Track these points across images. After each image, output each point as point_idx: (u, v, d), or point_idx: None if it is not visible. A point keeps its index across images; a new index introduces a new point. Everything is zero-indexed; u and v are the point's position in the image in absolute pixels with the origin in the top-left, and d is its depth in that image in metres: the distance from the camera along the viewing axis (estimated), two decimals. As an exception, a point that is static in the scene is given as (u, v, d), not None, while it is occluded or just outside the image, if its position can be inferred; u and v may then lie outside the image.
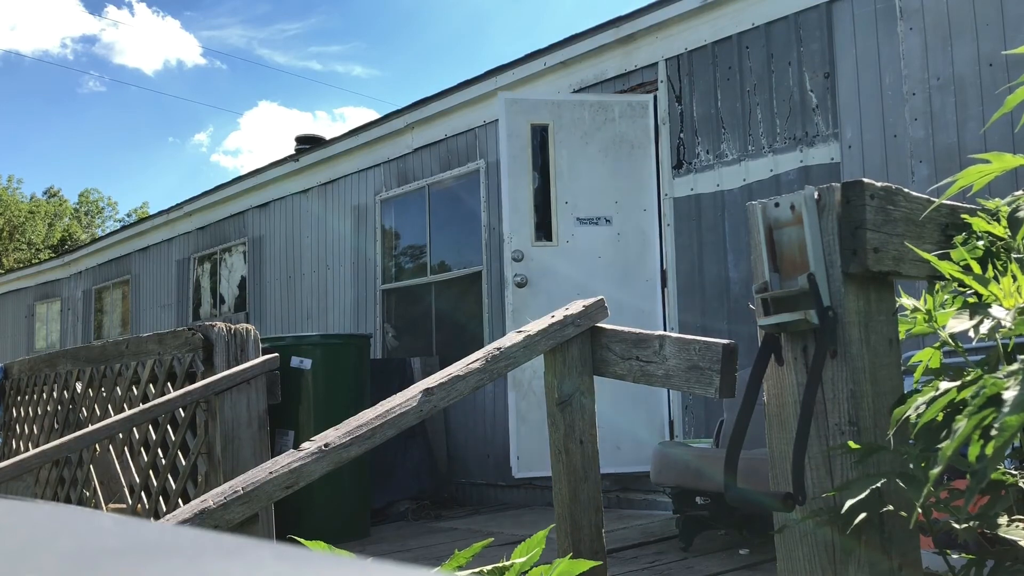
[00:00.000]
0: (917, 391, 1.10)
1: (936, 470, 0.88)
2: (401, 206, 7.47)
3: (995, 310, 1.07)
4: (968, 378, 1.01)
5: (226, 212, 9.48)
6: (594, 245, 5.43)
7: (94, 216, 38.83)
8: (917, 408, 1.07)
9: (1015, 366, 0.88)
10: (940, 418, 1.08)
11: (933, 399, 1.04)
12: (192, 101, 67.53)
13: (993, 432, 0.82)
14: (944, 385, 1.04)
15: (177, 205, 10.19)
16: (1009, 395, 0.83)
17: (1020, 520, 1.16)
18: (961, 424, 0.88)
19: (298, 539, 0.66)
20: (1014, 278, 1.10)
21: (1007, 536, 1.11)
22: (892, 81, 4.50)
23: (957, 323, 1.12)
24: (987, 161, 1.21)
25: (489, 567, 0.85)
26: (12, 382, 5.10)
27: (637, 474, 5.09)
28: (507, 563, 0.87)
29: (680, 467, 3.77)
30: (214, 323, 3.45)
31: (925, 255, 1.24)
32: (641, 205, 5.47)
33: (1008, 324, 1.04)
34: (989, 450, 0.82)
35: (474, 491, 6.33)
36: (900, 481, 1.14)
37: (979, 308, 1.10)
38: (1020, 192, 1.27)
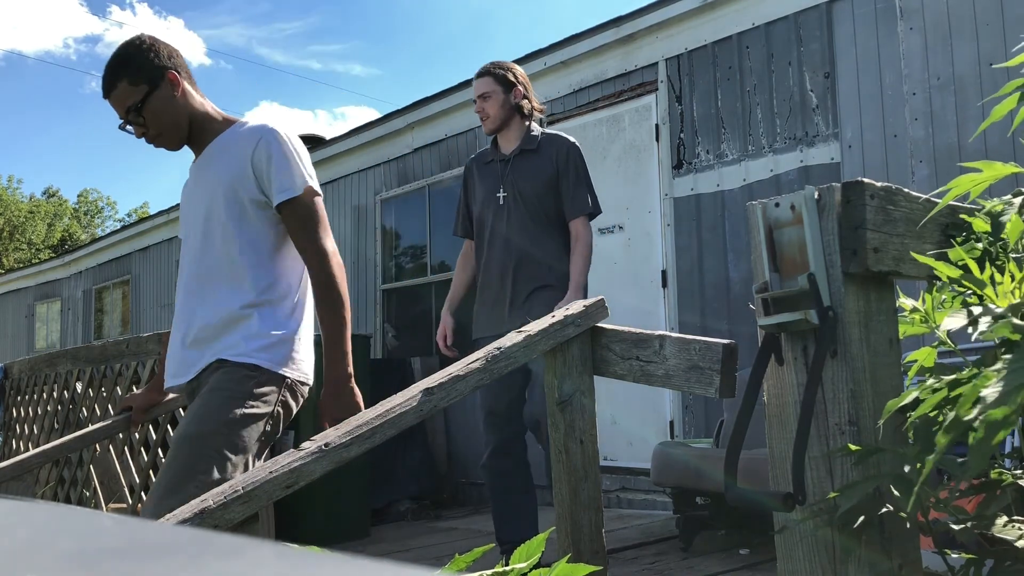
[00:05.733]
0: (913, 389, 1.11)
1: (931, 458, 0.88)
2: (401, 206, 7.47)
3: (975, 310, 1.08)
4: (962, 376, 1.02)
5: (226, 212, 9.47)
6: (611, 252, 5.61)
7: (94, 216, 38.84)
8: (911, 404, 1.08)
9: (998, 364, 0.88)
10: (942, 419, 1.09)
11: (926, 396, 1.05)
12: (192, 101, 67.44)
13: (976, 424, 0.83)
14: (934, 384, 1.04)
15: (177, 205, 10.18)
16: (989, 392, 0.84)
17: (1019, 521, 1.16)
18: (951, 415, 0.89)
19: (290, 545, 0.66)
20: (1012, 277, 1.10)
21: (1002, 536, 1.11)
22: (892, 81, 4.50)
23: (953, 321, 1.12)
24: (979, 170, 1.22)
25: (489, 572, 0.85)
26: (12, 382, 5.10)
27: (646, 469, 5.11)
28: (507, 568, 0.87)
29: (680, 467, 3.77)
30: (214, 323, 3.44)
31: (921, 257, 1.24)
32: (647, 207, 5.51)
33: (983, 327, 1.04)
34: (980, 433, 0.82)
35: (474, 491, 6.33)
36: (894, 484, 1.14)
37: (972, 307, 1.11)
38: (1008, 196, 1.27)
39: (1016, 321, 1.03)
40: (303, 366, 2.15)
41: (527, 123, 3.46)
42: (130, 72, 2.10)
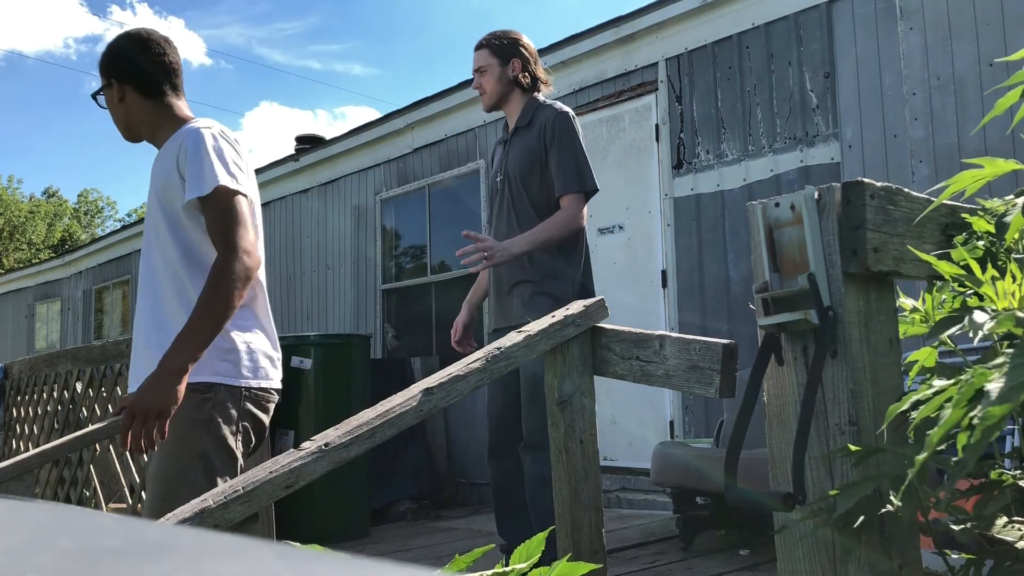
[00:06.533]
0: (915, 391, 1.11)
1: (922, 456, 0.88)
2: (401, 206, 7.47)
3: (977, 315, 1.08)
4: (964, 376, 1.01)
5: (226, 212, 9.47)
6: (611, 253, 5.61)
7: (94, 216, 38.85)
8: (912, 406, 1.08)
9: (1000, 359, 0.88)
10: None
11: (928, 398, 1.04)
12: (193, 102, 67.58)
13: (975, 421, 0.83)
14: (939, 383, 1.04)
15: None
16: (993, 386, 0.84)
17: (1019, 522, 1.16)
18: (947, 412, 0.88)
19: (292, 543, 0.66)
20: (1013, 278, 1.10)
21: (1002, 537, 1.11)
22: (892, 81, 4.50)
23: (951, 327, 1.12)
24: (980, 166, 1.22)
25: (489, 572, 0.85)
26: (12, 382, 5.10)
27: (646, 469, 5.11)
28: (507, 568, 0.87)
29: (680, 467, 3.77)
30: (214, 323, 3.43)
31: (924, 256, 1.24)
32: (647, 207, 5.51)
33: (986, 330, 1.04)
34: (978, 435, 0.82)
35: (474, 491, 6.33)
36: (893, 485, 1.14)
37: (968, 311, 1.11)
38: (1011, 196, 1.27)
39: (1020, 314, 1.02)
40: (262, 373, 2.12)
41: (530, 97, 3.11)
42: (100, 62, 2.23)
